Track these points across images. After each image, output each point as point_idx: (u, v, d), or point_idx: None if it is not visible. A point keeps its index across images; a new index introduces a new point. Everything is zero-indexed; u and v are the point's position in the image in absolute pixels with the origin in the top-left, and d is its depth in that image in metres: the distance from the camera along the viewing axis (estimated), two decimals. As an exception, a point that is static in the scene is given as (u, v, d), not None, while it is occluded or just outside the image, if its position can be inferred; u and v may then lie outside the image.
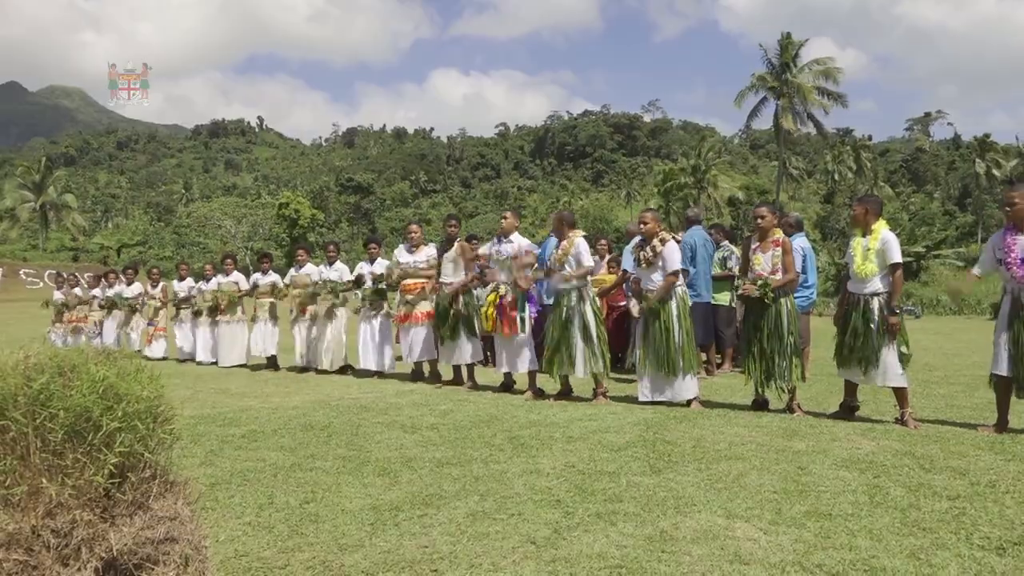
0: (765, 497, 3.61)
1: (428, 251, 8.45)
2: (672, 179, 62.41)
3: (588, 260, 6.66)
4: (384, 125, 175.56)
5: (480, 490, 3.77)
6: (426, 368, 8.52)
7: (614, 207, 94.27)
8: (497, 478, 3.99)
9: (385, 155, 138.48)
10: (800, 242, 7.93)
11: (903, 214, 62.32)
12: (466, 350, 7.69)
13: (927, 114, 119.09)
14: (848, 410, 5.73)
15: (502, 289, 7.06)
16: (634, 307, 6.81)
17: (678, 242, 9.17)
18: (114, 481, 2.09)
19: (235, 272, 10.98)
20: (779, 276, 5.82)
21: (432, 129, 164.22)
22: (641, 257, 6.40)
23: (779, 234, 5.94)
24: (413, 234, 8.43)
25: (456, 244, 7.84)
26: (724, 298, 8.80)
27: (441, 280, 7.86)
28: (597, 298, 6.82)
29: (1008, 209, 5.18)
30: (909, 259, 38.80)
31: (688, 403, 6.20)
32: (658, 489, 3.74)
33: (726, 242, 9.21)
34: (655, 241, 6.36)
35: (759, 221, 5.98)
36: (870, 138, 76.22)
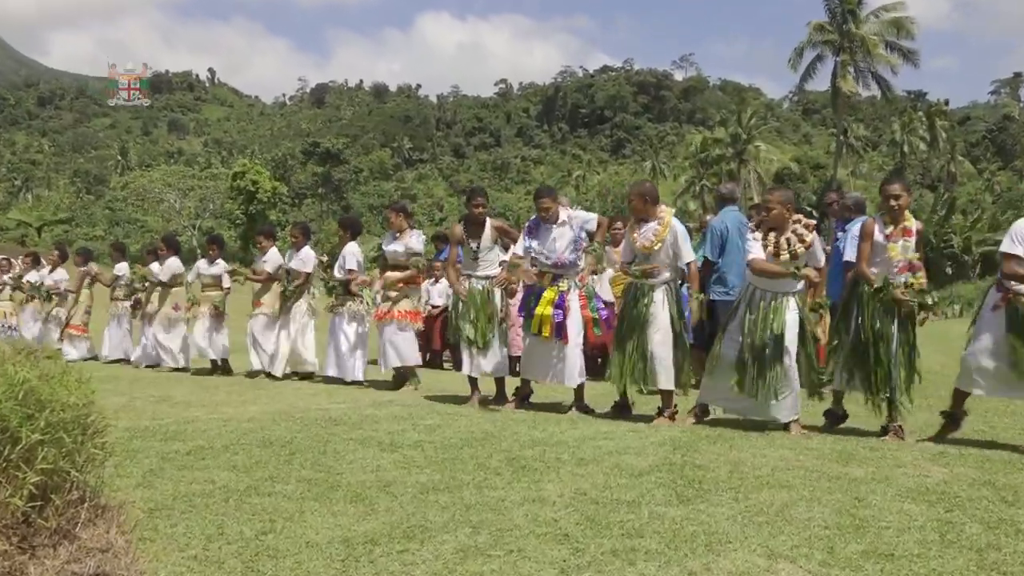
0: (815, 533, 3.62)
1: (415, 238, 8.48)
2: (707, 150, 62.30)
3: (691, 254, 6.45)
4: (360, 81, 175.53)
5: (472, 521, 3.78)
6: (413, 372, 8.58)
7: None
8: (493, 507, 4.00)
9: (362, 117, 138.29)
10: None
11: (986, 195, 62.26)
12: (501, 360, 7.42)
13: (1016, 75, 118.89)
14: (955, 421, 5.74)
15: (563, 284, 6.84)
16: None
17: (702, 226, 9.20)
18: (34, 505, 2.10)
19: (173, 258, 10.97)
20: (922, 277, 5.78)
21: (419, 86, 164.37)
22: (783, 246, 6.01)
23: (912, 221, 5.81)
24: (391, 222, 8.52)
25: (489, 226, 7.41)
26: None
27: (470, 273, 7.42)
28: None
29: None
30: (991, 247, 38.79)
31: (786, 426, 6.06)
32: (686, 522, 3.76)
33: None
34: (798, 228, 6.05)
35: (892, 202, 5.80)
36: (947, 103, 75.98)
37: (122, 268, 12.13)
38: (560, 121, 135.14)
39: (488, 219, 7.43)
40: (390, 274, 8.49)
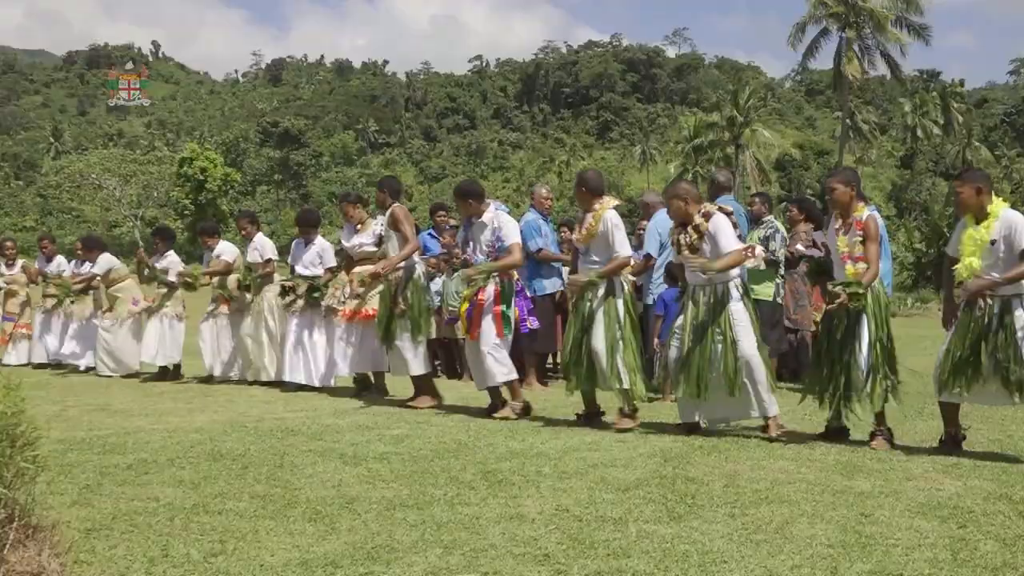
0: (817, 552, 3.65)
1: (378, 228, 8.50)
2: (702, 134, 62.53)
3: (626, 247, 6.62)
4: (322, 56, 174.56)
5: (444, 540, 3.79)
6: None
7: (626, 169, 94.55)
8: (466, 525, 4.01)
9: (322, 96, 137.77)
10: (869, 220, 7.99)
11: (1004, 184, 62.80)
12: (407, 359, 7.69)
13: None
14: (955, 443, 5.79)
15: (480, 281, 7.05)
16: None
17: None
18: (-43, 524, 2.09)
19: (102, 255, 10.91)
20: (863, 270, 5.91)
21: (386, 63, 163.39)
22: (682, 242, 6.37)
23: (863, 212, 5.99)
24: (347, 214, 8.57)
25: (388, 214, 7.80)
26: (766, 291, 8.86)
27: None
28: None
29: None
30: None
31: (764, 427, 6.19)
32: (678, 541, 3.78)
33: (769, 217, 9.27)
34: (696, 218, 6.35)
35: (833, 194, 6.07)
36: (962, 83, 76.58)
37: (59, 263, 12.09)
38: (541, 101, 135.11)
39: (393, 207, 7.80)
40: (359, 269, 8.48)
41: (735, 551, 3.65)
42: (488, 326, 6.97)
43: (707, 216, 6.28)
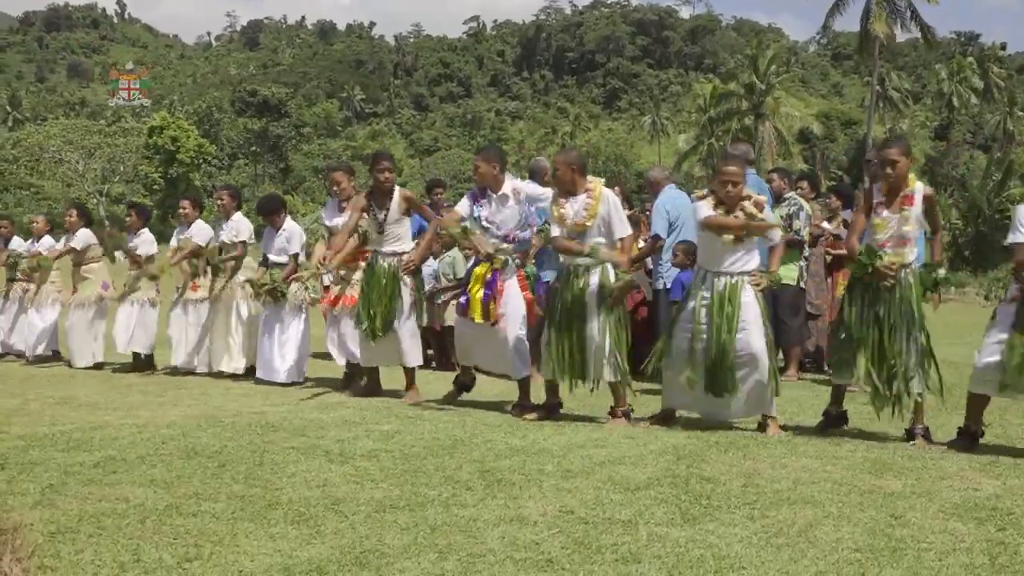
0: (843, 557, 3.66)
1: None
2: (719, 103, 62.32)
3: (628, 226, 6.67)
4: (303, 18, 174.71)
5: (438, 545, 3.80)
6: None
7: (635, 141, 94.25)
8: (463, 528, 4.02)
9: (304, 61, 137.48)
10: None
11: (1048, 158, 62.71)
12: (411, 349, 7.74)
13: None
14: (972, 439, 5.81)
15: (498, 261, 7.01)
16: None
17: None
18: (-89, 527, 2.10)
19: (83, 229, 10.89)
20: (909, 249, 5.95)
21: (373, 24, 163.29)
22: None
23: (914, 185, 5.98)
24: (339, 184, 8.53)
25: (397, 195, 7.70)
26: (791, 275, 8.86)
27: (376, 249, 7.73)
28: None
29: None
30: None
31: (762, 426, 6.32)
32: (692, 545, 3.79)
33: (792, 194, 9.26)
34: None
35: (889, 169, 5.93)
36: (1003, 47, 76.61)
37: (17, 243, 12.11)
38: (543, 67, 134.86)
39: (397, 188, 7.75)
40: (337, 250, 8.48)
41: (754, 556, 3.66)
42: (515, 313, 6.99)
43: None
